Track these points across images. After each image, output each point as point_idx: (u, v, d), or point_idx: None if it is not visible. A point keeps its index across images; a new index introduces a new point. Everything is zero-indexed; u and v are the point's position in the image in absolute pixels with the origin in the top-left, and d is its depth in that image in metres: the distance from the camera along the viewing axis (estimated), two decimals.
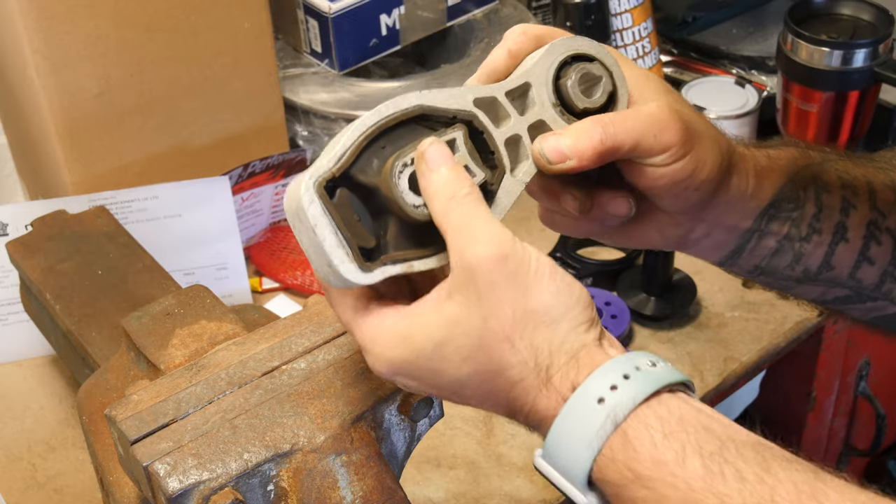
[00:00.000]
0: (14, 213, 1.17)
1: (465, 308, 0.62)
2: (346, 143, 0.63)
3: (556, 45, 0.68)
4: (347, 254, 0.63)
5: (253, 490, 0.71)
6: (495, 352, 0.62)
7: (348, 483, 0.74)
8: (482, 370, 0.62)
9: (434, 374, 0.64)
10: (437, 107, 0.65)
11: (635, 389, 0.59)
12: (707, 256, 0.78)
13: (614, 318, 1.16)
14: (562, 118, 0.68)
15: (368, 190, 0.64)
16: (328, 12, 1.28)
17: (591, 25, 1.28)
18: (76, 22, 1.10)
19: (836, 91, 1.28)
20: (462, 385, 0.64)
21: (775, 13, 1.50)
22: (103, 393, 0.85)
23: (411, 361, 0.64)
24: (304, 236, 0.64)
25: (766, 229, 0.75)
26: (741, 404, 1.35)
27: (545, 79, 0.68)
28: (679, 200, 0.72)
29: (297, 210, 0.63)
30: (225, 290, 1.21)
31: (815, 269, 0.77)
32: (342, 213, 0.63)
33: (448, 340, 0.62)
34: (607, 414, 0.59)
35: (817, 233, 0.76)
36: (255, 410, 0.73)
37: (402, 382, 0.66)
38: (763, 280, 0.79)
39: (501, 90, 0.67)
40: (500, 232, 0.62)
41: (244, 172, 1.21)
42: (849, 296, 0.79)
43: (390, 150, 0.64)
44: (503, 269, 0.61)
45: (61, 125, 1.14)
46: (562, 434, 0.60)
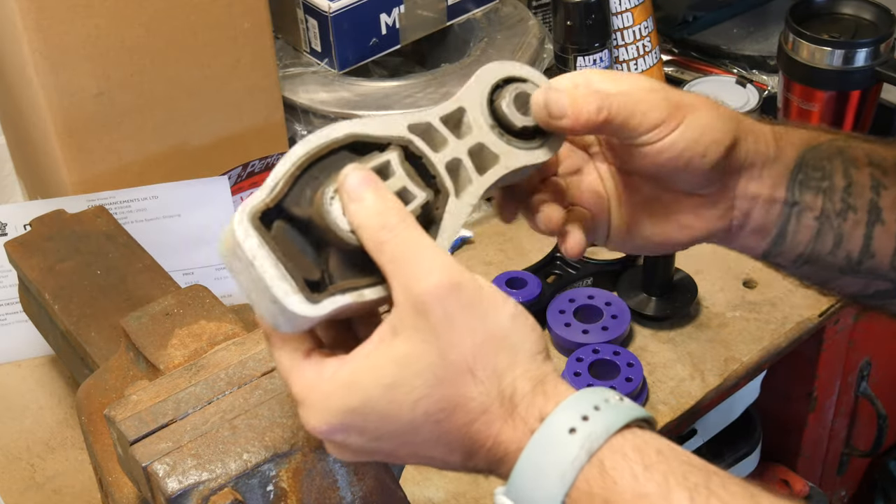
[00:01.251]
0: (13, 213, 1.17)
1: (418, 345, 0.58)
2: (278, 174, 0.62)
3: (485, 70, 0.68)
4: (291, 286, 0.60)
5: (252, 490, 0.71)
6: (455, 387, 0.58)
7: (348, 483, 0.74)
8: (438, 409, 0.58)
9: (382, 422, 0.59)
10: (370, 134, 0.64)
11: (608, 420, 0.57)
12: (753, 245, 0.76)
13: (614, 318, 1.16)
14: (501, 139, 0.67)
15: (305, 222, 0.62)
16: (328, 11, 1.28)
17: (591, 25, 1.28)
18: (76, 22, 1.10)
19: (837, 91, 1.28)
20: (415, 429, 0.59)
21: (776, 12, 1.50)
22: (102, 393, 0.85)
23: (356, 410, 0.59)
24: (243, 276, 0.61)
25: (801, 201, 0.74)
26: (742, 404, 1.35)
27: (479, 102, 0.67)
28: (693, 174, 0.71)
29: (232, 247, 0.61)
30: (225, 290, 1.21)
31: (857, 256, 0.75)
32: (281, 245, 0.61)
33: (399, 382, 0.58)
34: (581, 444, 0.56)
35: (852, 210, 0.74)
36: (255, 411, 0.73)
37: (341, 441, 0.61)
38: (806, 271, 0.77)
39: (435, 116, 0.66)
40: (445, 259, 0.59)
41: (244, 172, 1.21)
42: (889, 290, 0.77)
43: (323, 178, 0.62)
44: (458, 299, 0.58)
45: (60, 125, 1.14)
46: (531, 466, 0.57)
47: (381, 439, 0.60)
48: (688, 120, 0.69)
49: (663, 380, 1.13)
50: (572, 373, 1.09)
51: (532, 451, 0.57)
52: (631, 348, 1.17)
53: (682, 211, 0.74)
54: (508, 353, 0.59)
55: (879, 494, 1.68)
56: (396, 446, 0.61)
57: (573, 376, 1.09)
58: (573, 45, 1.29)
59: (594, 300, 1.18)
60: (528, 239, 1.28)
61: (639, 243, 0.76)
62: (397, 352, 0.59)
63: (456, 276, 0.59)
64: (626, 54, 1.33)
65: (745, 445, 1.40)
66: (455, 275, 0.59)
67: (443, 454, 0.61)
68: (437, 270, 0.58)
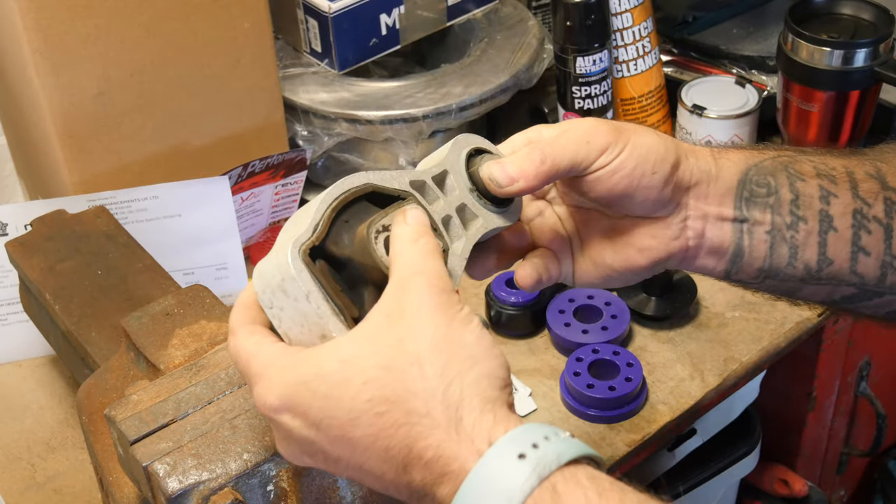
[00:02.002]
0: (13, 213, 1.17)
1: (382, 327, 0.60)
2: (317, 215, 0.65)
3: (459, 140, 0.73)
4: (343, 321, 0.63)
5: (253, 490, 0.71)
6: (401, 378, 0.58)
7: (348, 483, 0.74)
8: (381, 397, 0.58)
9: (326, 402, 0.59)
10: (383, 185, 0.68)
11: (559, 449, 0.57)
12: (713, 266, 0.78)
13: (614, 318, 1.16)
14: (479, 202, 0.72)
15: (341, 263, 0.65)
16: (328, 12, 1.28)
17: (591, 25, 1.28)
18: (76, 22, 1.10)
19: (836, 91, 1.28)
20: (354, 420, 0.59)
21: (775, 13, 1.50)
22: (103, 393, 0.85)
23: (307, 383, 0.60)
24: (290, 311, 0.63)
25: (749, 217, 0.76)
26: (741, 404, 1.35)
27: (459, 168, 0.72)
28: (646, 193, 0.73)
29: (280, 283, 0.63)
30: (225, 290, 1.21)
31: (816, 265, 0.77)
32: (328, 281, 0.64)
33: (353, 359, 0.59)
34: (532, 468, 0.55)
35: (802, 220, 0.76)
36: (255, 410, 0.73)
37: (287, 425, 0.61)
38: (770, 285, 0.79)
39: (427, 175, 0.71)
40: (444, 275, 0.62)
41: (244, 172, 1.21)
42: (855, 294, 0.78)
43: (354, 222, 0.66)
44: (435, 299, 0.60)
45: (61, 125, 1.14)
46: (476, 488, 0.56)
47: (320, 427, 0.60)
48: (632, 141, 0.72)
49: (663, 380, 1.13)
50: (572, 373, 1.09)
51: (478, 475, 0.56)
52: (630, 348, 1.17)
53: (640, 235, 0.76)
54: (463, 363, 0.59)
55: (879, 494, 1.68)
56: (333, 440, 0.60)
57: (573, 376, 1.09)
58: (573, 45, 1.29)
59: (594, 300, 1.18)
60: None
61: (604, 274, 0.78)
62: (362, 331, 0.61)
63: (446, 287, 0.62)
64: (626, 55, 1.33)
65: (745, 445, 1.40)
66: (446, 285, 0.62)
67: (377, 462, 0.59)
68: (434, 274, 0.61)
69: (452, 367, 0.59)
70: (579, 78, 1.31)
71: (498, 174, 0.70)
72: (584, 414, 1.08)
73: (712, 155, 0.77)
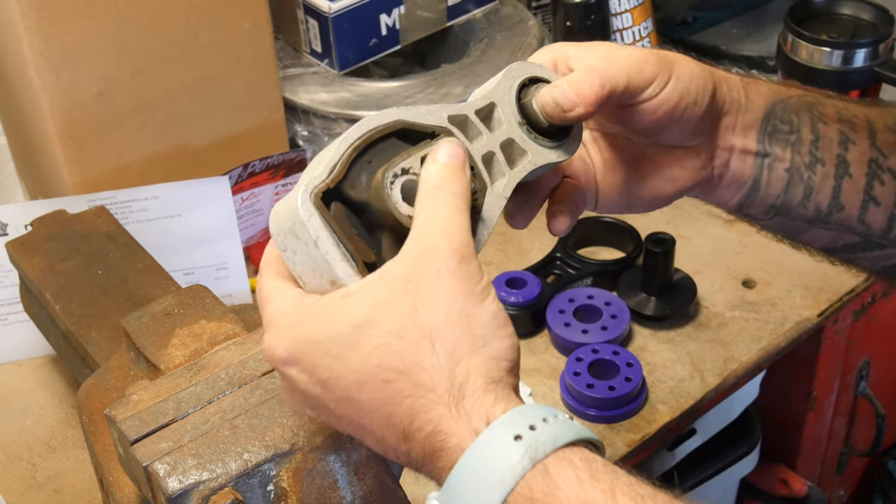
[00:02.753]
0: (14, 213, 1.17)
1: (399, 293, 0.59)
2: (335, 155, 0.63)
3: (512, 68, 0.70)
4: (353, 267, 0.61)
5: (253, 490, 0.71)
6: (412, 347, 0.58)
7: (348, 483, 0.74)
8: (389, 364, 0.58)
9: (336, 363, 0.59)
10: (416, 122, 0.65)
11: (556, 431, 0.57)
12: (729, 197, 0.78)
13: (614, 318, 1.16)
14: (528, 136, 0.69)
15: (358, 206, 0.63)
16: (328, 12, 1.28)
17: (591, 25, 1.28)
18: (76, 22, 1.10)
19: (836, 91, 1.28)
20: (361, 383, 0.59)
21: (775, 13, 1.50)
22: (103, 393, 0.85)
23: (318, 342, 0.59)
24: (301, 255, 0.62)
25: (771, 153, 0.75)
26: (741, 404, 1.35)
27: (509, 99, 0.69)
28: (687, 124, 0.72)
29: (291, 227, 0.61)
30: (225, 290, 1.21)
31: (826, 208, 0.77)
32: (341, 226, 0.62)
33: (367, 323, 0.59)
34: (525, 449, 0.55)
35: (820, 162, 0.76)
36: (255, 410, 0.73)
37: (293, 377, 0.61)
38: (778, 223, 0.78)
39: (471, 109, 0.67)
40: (466, 237, 0.60)
41: (244, 172, 1.22)
42: (857, 243, 0.78)
43: (377, 164, 0.64)
44: (456, 269, 0.59)
45: (61, 125, 1.14)
46: (470, 467, 0.56)
47: (326, 385, 0.60)
48: (676, 72, 0.71)
49: (663, 379, 1.13)
50: (572, 372, 1.09)
51: (473, 454, 0.56)
52: (630, 348, 1.17)
53: (669, 164, 0.75)
54: (473, 343, 0.59)
55: (878, 494, 1.68)
56: (338, 399, 0.60)
57: (573, 376, 1.09)
58: None
59: (594, 300, 1.18)
60: (528, 239, 1.28)
61: (627, 201, 0.77)
62: (377, 293, 0.59)
63: (467, 253, 0.60)
64: None
65: (745, 445, 1.40)
66: (467, 252, 0.60)
67: (379, 426, 0.60)
68: (456, 238, 0.59)
69: (463, 345, 0.58)
70: None
71: (560, 96, 0.67)
72: (584, 414, 1.09)
73: (742, 85, 0.76)
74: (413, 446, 0.59)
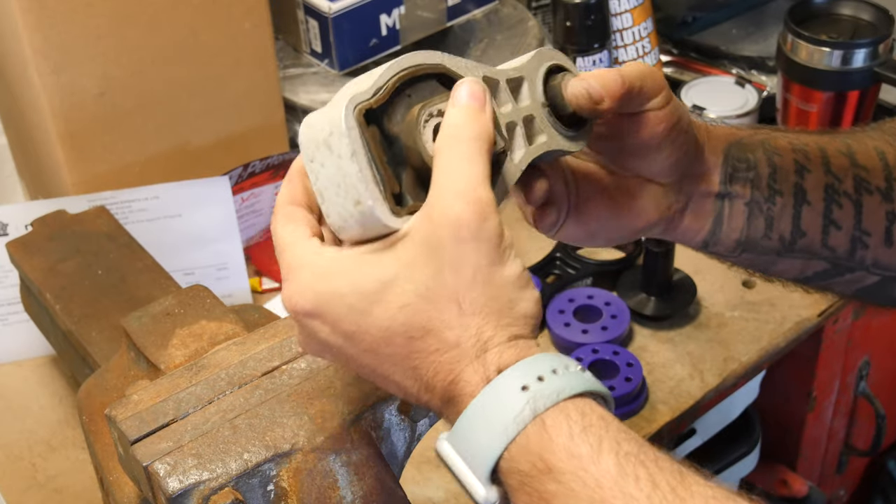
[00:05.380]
0: (14, 213, 1.17)
1: (424, 252, 0.59)
2: (381, 80, 0.62)
3: (543, 51, 0.70)
4: (381, 192, 0.60)
5: (253, 490, 0.71)
6: (438, 310, 0.59)
7: (348, 483, 0.74)
8: (416, 324, 0.59)
9: (361, 318, 0.60)
10: (456, 70, 0.65)
11: (561, 384, 0.58)
12: (693, 235, 0.79)
13: (614, 318, 1.16)
14: (549, 118, 0.69)
15: (390, 137, 0.62)
16: (328, 12, 1.28)
17: (590, 25, 1.28)
18: (76, 22, 1.10)
19: (835, 91, 1.28)
20: (387, 339, 0.60)
21: (775, 13, 1.50)
22: (103, 393, 0.85)
23: (343, 296, 0.60)
24: (331, 168, 0.60)
25: (731, 191, 0.77)
26: (741, 404, 1.35)
27: (536, 78, 0.69)
28: (678, 149, 0.73)
29: (327, 137, 0.60)
30: (225, 290, 1.21)
31: (790, 236, 0.78)
32: (376, 149, 0.61)
33: (395, 281, 0.59)
34: (528, 401, 0.57)
35: (779, 194, 0.77)
36: (255, 410, 0.73)
37: (312, 328, 0.62)
38: (746, 258, 0.80)
39: (503, 76, 0.67)
40: (486, 194, 0.60)
41: (244, 172, 1.22)
42: (827, 269, 0.80)
43: (415, 99, 0.63)
44: (478, 230, 0.59)
45: (61, 125, 1.14)
46: (477, 414, 0.58)
47: (351, 338, 0.61)
48: (674, 98, 0.73)
49: (663, 379, 1.13)
50: None
51: (481, 401, 0.58)
52: (630, 348, 1.17)
53: (643, 197, 0.76)
54: (500, 305, 0.60)
55: (878, 494, 1.68)
56: (361, 352, 0.61)
57: None
58: (573, 45, 1.29)
59: (593, 300, 1.18)
60: (528, 239, 1.29)
61: (592, 230, 0.77)
62: (403, 252, 0.60)
63: (488, 212, 0.59)
64: (626, 55, 1.33)
65: (745, 445, 1.40)
66: (487, 210, 0.59)
67: (402, 377, 0.61)
68: (475, 199, 0.59)
69: (490, 308, 0.59)
70: None
71: (593, 89, 0.68)
72: None
73: (704, 129, 0.78)
74: (433, 396, 0.61)
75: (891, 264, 0.80)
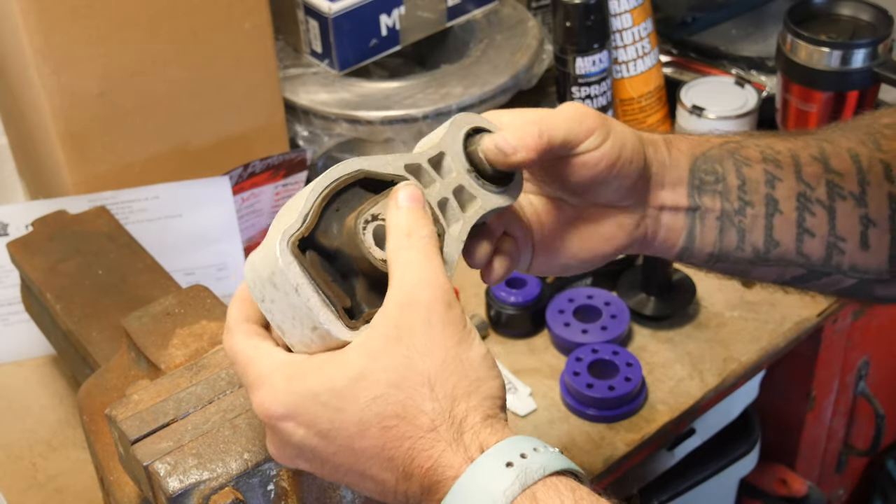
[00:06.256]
0: (15, 214, 1.17)
1: (392, 343, 0.61)
2: (306, 205, 0.65)
3: (457, 119, 0.72)
4: (333, 312, 0.63)
5: (253, 490, 0.71)
6: (411, 396, 0.60)
7: None
8: (391, 412, 0.60)
9: (336, 415, 0.61)
10: (377, 171, 0.68)
11: (545, 460, 0.60)
12: (667, 250, 0.80)
13: (614, 318, 1.16)
14: (476, 182, 0.71)
15: (331, 253, 0.65)
16: (328, 12, 1.28)
17: (590, 26, 1.28)
18: (77, 23, 1.10)
19: (835, 91, 1.28)
20: (362, 432, 0.61)
21: (775, 14, 1.50)
22: (104, 393, 0.85)
23: (317, 395, 0.61)
24: (281, 304, 0.63)
25: (701, 205, 0.77)
26: (740, 404, 1.35)
27: (457, 148, 0.71)
28: (625, 180, 0.74)
29: (270, 276, 0.63)
30: (225, 290, 1.22)
31: (763, 247, 0.78)
32: (318, 273, 0.64)
33: (365, 374, 0.61)
34: (517, 475, 0.58)
35: (749, 205, 0.77)
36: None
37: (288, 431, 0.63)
38: (721, 267, 0.81)
39: (424, 158, 0.70)
40: (447, 283, 0.63)
41: (244, 172, 1.22)
42: (804, 274, 0.80)
43: (345, 211, 0.66)
44: (444, 316, 0.62)
45: (62, 125, 1.14)
46: (464, 493, 0.58)
47: (326, 437, 0.62)
48: (614, 129, 0.73)
49: (662, 379, 1.13)
50: (572, 372, 1.09)
51: (466, 480, 0.59)
52: (630, 348, 1.17)
53: (606, 224, 0.77)
54: (469, 383, 0.61)
55: (877, 493, 1.69)
56: (337, 449, 0.62)
57: (573, 376, 1.09)
58: (572, 46, 1.30)
59: (593, 300, 1.18)
60: None
61: (563, 262, 0.79)
62: (370, 346, 0.61)
63: (450, 299, 0.62)
64: (626, 55, 1.33)
65: (744, 445, 1.40)
66: (450, 297, 0.62)
67: (379, 469, 0.62)
68: (437, 286, 0.62)
69: (460, 388, 0.61)
70: (579, 78, 1.31)
71: (502, 143, 0.70)
72: (584, 413, 1.09)
73: (664, 144, 0.78)
74: (412, 484, 0.61)
75: (868, 267, 0.80)
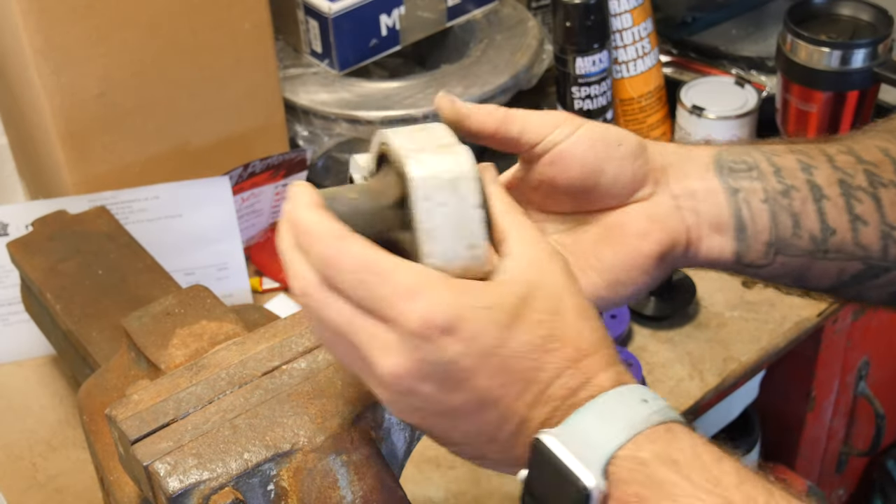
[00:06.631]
0: (15, 213, 1.17)
1: (547, 275, 0.62)
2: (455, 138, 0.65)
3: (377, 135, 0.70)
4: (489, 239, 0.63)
5: (253, 490, 0.71)
6: (571, 322, 0.61)
7: (348, 483, 0.75)
8: (558, 335, 0.60)
9: (502, 332, 0.59)
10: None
11: (670, 408, 0.61)
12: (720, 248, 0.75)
13: (614, 318, 1.16)
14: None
15: None
16: (328, 12, 1.28)
17: (590, 26, 1.28)
18: (77, 23, 1.10)
19: (835, 91, 1.28)
20: (528, 350, 0.59)
21: (775, 13, 1.50)
22: (104, 393, 0.85)
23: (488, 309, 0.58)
24: (452, 208, 0.61)
25: (739, 187, 0.74)
26: (741, 404, 1.35)
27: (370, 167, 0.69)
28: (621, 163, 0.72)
29: (455, 179, 0.61)
30: (225, 290, 1.22)
31: (820, 233, 0.74)
32: None
33: (528, 299, 0.60)
34: (654, 410, 0.60)
35: (794, 189, 0.74)
36: (256, 410, 0.73)
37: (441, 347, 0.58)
38: (781, 263, 0.76)
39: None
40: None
41: (244, 172, 1.22)
42: (863, 270, 0.76)
43: None
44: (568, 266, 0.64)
45: (62, 126, 1.14)
46: (603, 408, 0.59)
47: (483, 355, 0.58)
48: (589, 122, 0.72)
49: (662, 379, 1.13)
50: None
51: (607, 398, 0.60)
52: (630, 348, 1.17)
53: (633, 219, 0.73)
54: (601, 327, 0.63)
55: (877, 493, 1.69)
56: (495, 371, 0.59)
57: None
58: (572, 46, 1.30)
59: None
60: None
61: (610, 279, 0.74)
62: (529, 275, 0.61)
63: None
64: (626, 55, 1.33)
65: (744, 445, 1.40)
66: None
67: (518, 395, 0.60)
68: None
69: (601, 329, 0.63)
70: (579, 78, 1.31)
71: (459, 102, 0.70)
72: None
73: (676, 144, 0.77)
74: (540, 410, 0.60)
75: None
